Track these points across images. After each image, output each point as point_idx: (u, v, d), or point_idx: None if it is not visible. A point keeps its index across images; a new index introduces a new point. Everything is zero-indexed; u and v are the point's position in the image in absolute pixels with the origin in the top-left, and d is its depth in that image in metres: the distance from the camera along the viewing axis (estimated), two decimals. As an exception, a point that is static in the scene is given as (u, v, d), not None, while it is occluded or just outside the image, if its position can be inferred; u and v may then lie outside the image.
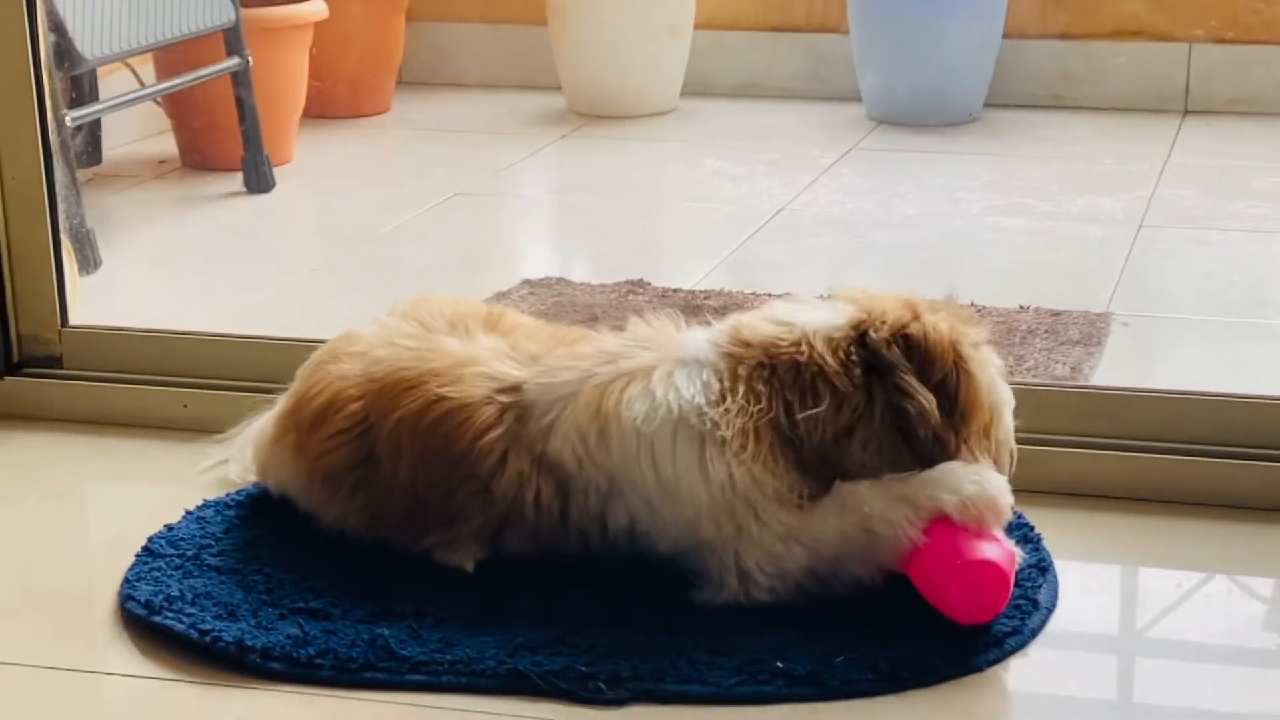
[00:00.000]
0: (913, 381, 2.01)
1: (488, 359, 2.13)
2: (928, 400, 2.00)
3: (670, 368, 2.04)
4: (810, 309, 2.09)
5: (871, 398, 2.02)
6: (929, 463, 2.01)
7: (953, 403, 2.03)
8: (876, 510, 1.98)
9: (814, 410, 1.99)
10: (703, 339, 2.08)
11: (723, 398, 2.00)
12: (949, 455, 2.01)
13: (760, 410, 1.99)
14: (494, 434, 2.07)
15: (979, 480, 1.98)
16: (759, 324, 2.06)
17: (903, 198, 3.93)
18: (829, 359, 2.01)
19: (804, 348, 2.02)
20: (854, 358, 2.02)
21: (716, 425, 1.98)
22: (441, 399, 2.09)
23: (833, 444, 2.01)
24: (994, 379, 2.09)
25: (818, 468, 2.01)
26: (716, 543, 2.00)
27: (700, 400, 2.00)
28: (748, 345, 2.04)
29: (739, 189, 4.02)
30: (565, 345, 2.16)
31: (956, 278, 3.33)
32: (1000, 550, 1.96)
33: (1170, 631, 2.08)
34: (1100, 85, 4.66)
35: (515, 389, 2.10)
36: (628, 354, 2.08)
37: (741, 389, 2.00)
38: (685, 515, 2.01)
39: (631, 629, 1.97)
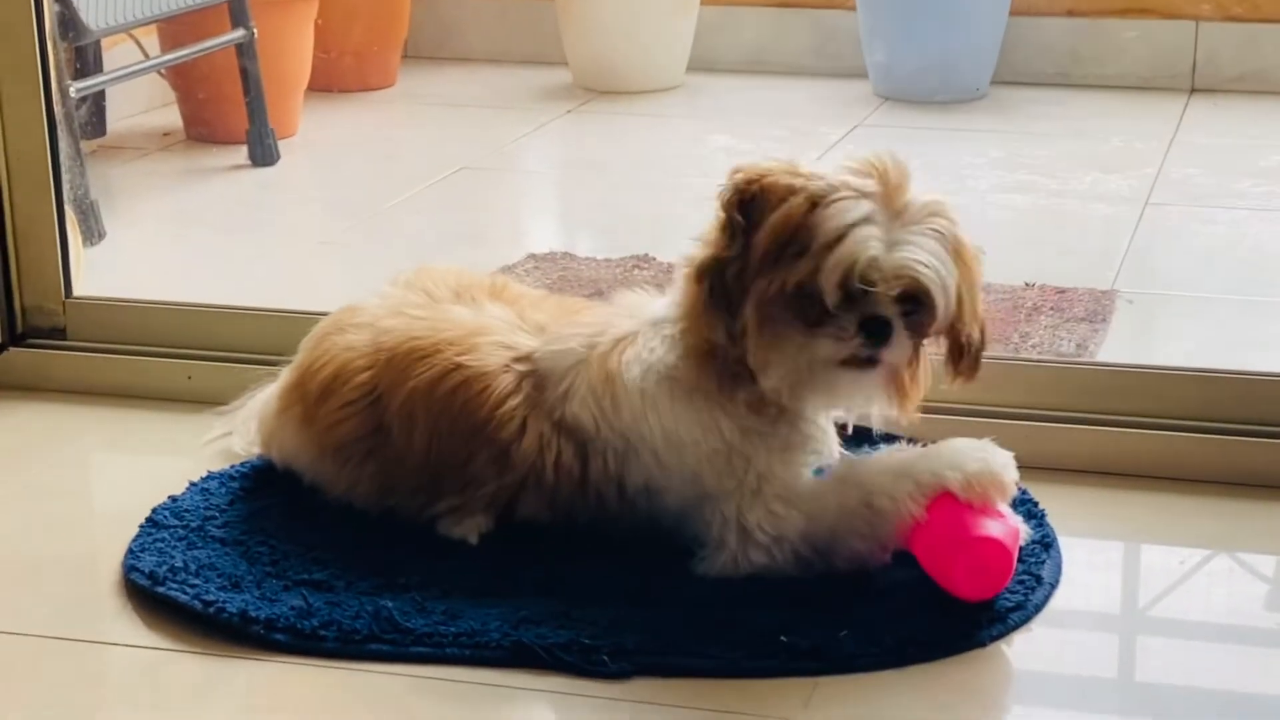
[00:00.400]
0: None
1: (500, 328, 2.14)
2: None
3: (648, 332, 2.06)
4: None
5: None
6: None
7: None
8: (878, 485, 1.98)
9: (716, 252, 1.96)
10: (661, 302, 2.10)
11: (684, 346, 2.02)
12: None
13: (686, 329, 2.01)
14: (514, 401, 2.08)
15: (984, 457, 1.98)
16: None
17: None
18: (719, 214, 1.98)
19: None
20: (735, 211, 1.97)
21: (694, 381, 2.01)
22: (459, 367, 2.10)
23: (748, 287, 1.95)
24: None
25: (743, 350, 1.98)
26: (719, 495, 2.01)
27: (674, 357, 2.03)
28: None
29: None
30: (569, 314, 2.17)
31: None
32: (1004, 527, 1.96)
33: (1173, 610, 2.08)
34: (1107, 63, 4.65)
35: (529, 357, 2.11)
36: (615, 322, 2.11)
37: (689, 317, 2.01)
38: (689, 466, 2.03)
39: (635, 603, 1.97)
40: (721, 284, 1.96)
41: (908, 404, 2.02)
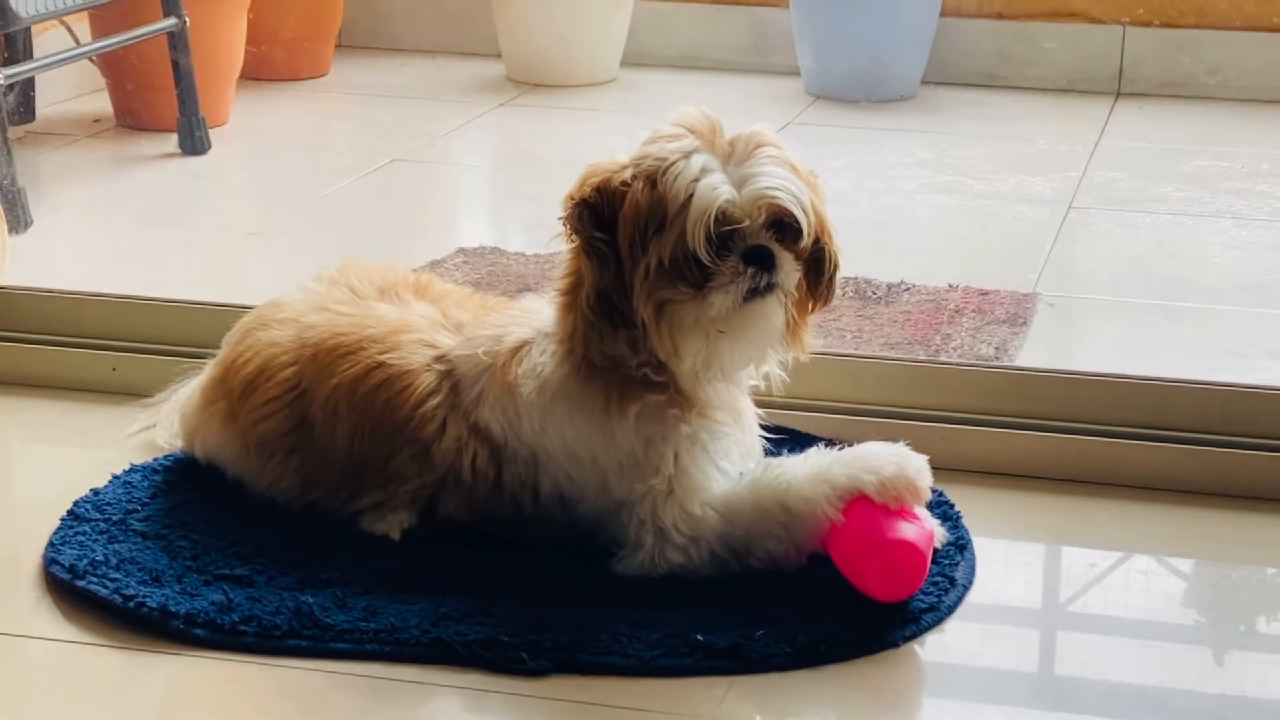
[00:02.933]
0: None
1: (423, 326, 2.16)
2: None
3: (540, 342, 2.08)
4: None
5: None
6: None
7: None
8: (794, 488, 2.00)
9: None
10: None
11: (569, 362, 2.04)
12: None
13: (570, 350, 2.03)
14: (434, 401, 2.09)
15: (899, 460, 2.01)
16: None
17: (837, 173, 3.94)
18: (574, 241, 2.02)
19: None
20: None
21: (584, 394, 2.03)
22: (381, 365, 2.11)
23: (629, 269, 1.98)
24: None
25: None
26: (631, 501, 2.03)
27: (565, 372, 2.04)
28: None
29: (676, 161, 4.02)
30: (490, 313, 2.19)
31: (888, 255, 3.37)
32: (918, 530, 1.99)
33: (1089, 607, 2.12)
34: (1035, 66, 4.70)
35: (448, 357, 2.13)
36: (511, 329, 2.12)
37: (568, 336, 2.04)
38: (596, 477, 2.05)
39: (554, 601, 1.99)
40: (607, 304, 1.99)
41: (803, 335, 2.07)
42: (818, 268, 2.04)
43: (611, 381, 2.02)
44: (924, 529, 2.00)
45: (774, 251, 1.98)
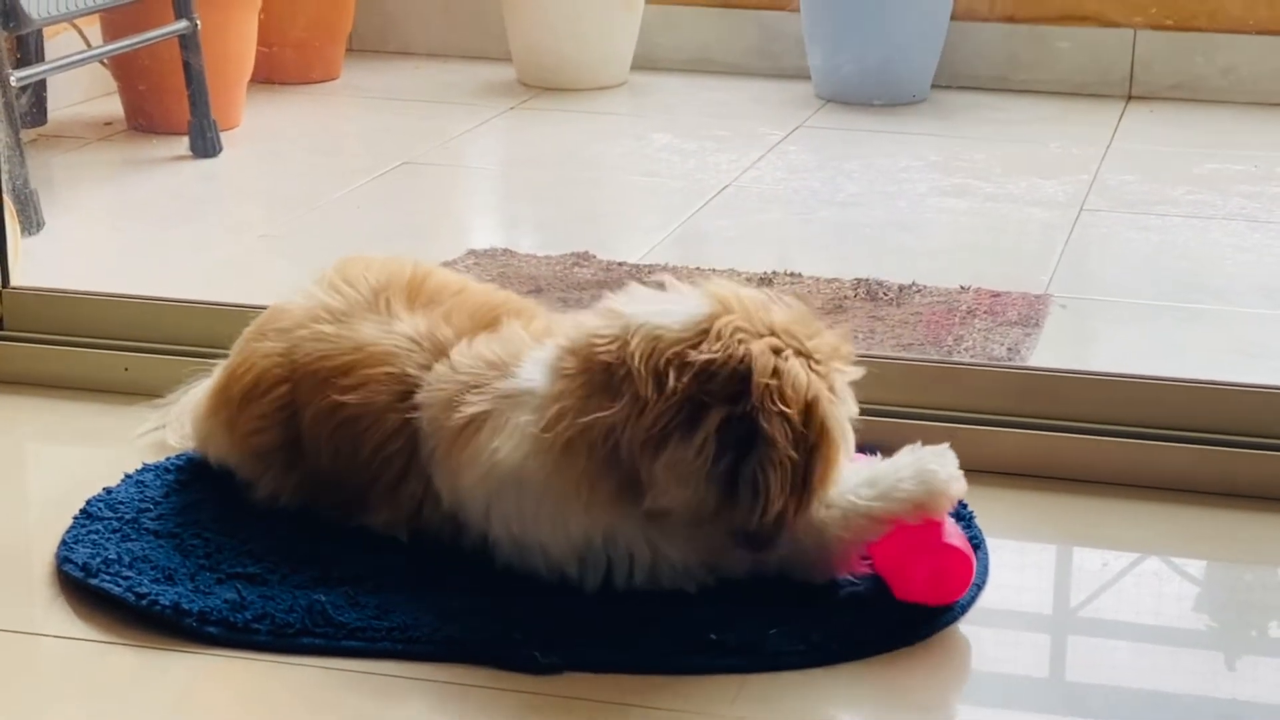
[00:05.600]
0: (779, 458, 1.84)
1: (398, 356, 2.07)
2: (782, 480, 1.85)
3: (503, 410, 1.96)
4: (656, 299, 1.94)
5: (695, 420, 1.85)
6: (746, 539, 1.90)
7: (805, 476, 1.88)
8: (829, 525, 1.96)
9: (601, 413, 1.86)
10: (540, 359, 1.98)
11: (546, 442, 1.90)
12: (773, 539, 1.90)
13: (578, 432, 1.88)
14: (393, 446, 2.05)
15: (924, 480, 1.97)
16: (584, 323, 1.94)
17: (848, 176, 3.95)
18: (638, 359, 1.86)
19: (615, 344, 1.88)
20: (675, 366, 1.85)
21: (546, 479, 1.91)
22: (345, 405, 2.07)
23: (639, 454, 1.86)
24: (845, 430, 1.92)
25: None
26: (629, 556, 1.96)
27: (525, 452, 1.93)
28: (570, 354, 1.92)
29: (687, 164, 4.03)
30: (481, 325, 2.09)
31: (899, 257, 3.37)
32: (962, 537, 2.00)
33: (1101, 611, 2.11)
34: (1046, 69, 4.70)
35: (415, 399, 2.05)
36: (482, 381, 2.00)
37: (564, 416, 1.89)
38: (552, 562, 1.98)
39: (565, 598, 1.98)
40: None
41: None
42: None
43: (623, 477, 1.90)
44: (959, 533, 2.01)
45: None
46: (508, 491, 1.96)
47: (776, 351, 1.88)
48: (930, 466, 1.97)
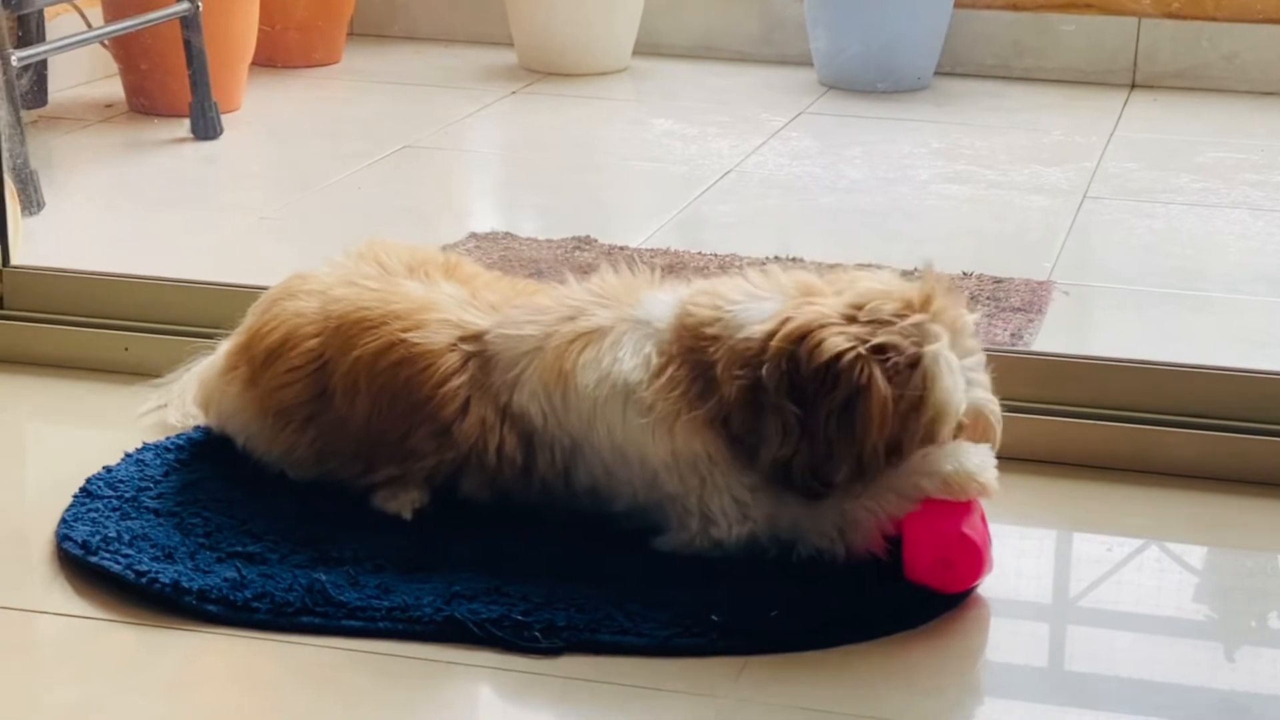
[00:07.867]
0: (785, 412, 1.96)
1: (450, 305, 2.14)
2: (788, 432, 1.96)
3: (621, 332, 2.05)
4: (761, 293, 2.04)
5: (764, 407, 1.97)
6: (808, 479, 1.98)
7: (848, 425, 1.95)
8: (859, 497, 1.99)
9: (699, 411, 1.98)
10: (664, 302, 2.07)
11: (657, 374, 2.00)
12: (826, 486, 1.98)
13: (679, 395, 1.99)
14: (457, 381, 2.08)
15: (958, 458, 1.99)
16: (705, 301, 2.04)
17: (850, 163, 3.94)
18: (724, 362, 1.98)
19: (713, 344, 1.99)
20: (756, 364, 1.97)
21: (653, 403, 1.99)
22: (403, 342, 2.10)
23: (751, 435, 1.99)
24: (942, 386, 1.99)
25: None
26: (680, 494, 2.02)
27: (640, 375, 2.01)
28: (686, 324, 2.02)
29: (689, 149, 4.02)
30: (523, 296, 2.17)
31: (901, 243, 3.36)
32: (982, 529, 2.00)
33: (1102, 599, 2.11)
34: (1050, 57, 4.69)
35: (478, 338, 2.11)
36: (586, 310, 2.09)
37: (670, 369, 2.00)
38: (643, 475, 2.03)
39: (568, 579, 1.98)
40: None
41: None
42: None
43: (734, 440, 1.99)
44: (983, 530, 2.00)
45: None
46: (617, 400, 2.01)
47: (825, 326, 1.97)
48: (965, 450, 2.00)
